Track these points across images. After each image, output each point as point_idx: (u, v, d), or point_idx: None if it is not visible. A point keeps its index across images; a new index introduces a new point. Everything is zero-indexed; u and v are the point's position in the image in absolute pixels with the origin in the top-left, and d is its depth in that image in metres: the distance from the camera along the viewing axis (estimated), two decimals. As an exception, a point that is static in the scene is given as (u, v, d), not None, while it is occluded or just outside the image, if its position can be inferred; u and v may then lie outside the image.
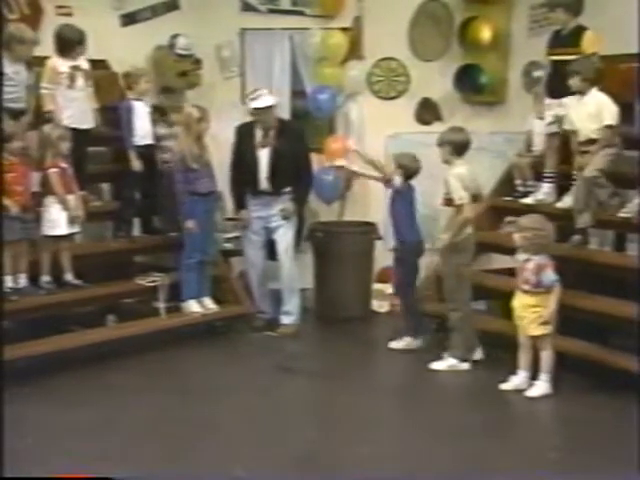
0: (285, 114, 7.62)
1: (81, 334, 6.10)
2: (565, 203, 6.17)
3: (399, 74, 7.88)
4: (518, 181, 6.77)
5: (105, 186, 7.14)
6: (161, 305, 6.41)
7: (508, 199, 6.74)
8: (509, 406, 5.22)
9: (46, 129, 6.00)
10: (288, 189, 6.70)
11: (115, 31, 7.34)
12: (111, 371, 5.73)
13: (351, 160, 6.98)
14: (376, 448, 4.55)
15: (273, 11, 7.92)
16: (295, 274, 6.77)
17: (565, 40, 6.16)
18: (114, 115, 6.62)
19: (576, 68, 5.86)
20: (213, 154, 6.61)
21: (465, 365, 5.83)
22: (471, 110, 7.68)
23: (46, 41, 6.22)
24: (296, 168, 6.69)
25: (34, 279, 5.84)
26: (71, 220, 5.93)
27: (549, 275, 5.29)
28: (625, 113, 5.90)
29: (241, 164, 6.68)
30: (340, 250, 7.06)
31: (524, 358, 5.38)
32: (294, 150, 6.66)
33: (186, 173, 6.36)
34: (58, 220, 5.88)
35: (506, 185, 6.86)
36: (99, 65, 7.05)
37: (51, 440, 4.60)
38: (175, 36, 7.51)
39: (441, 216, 6.32)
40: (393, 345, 6.32)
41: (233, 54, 7.98)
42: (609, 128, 5.78)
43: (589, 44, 6.03)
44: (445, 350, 5.92)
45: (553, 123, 6.30)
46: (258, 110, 6.52)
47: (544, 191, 6.44)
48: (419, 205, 6.34)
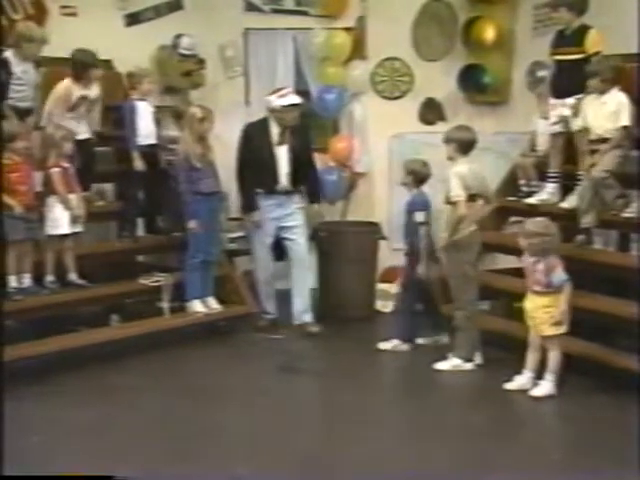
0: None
1: (85, 334, 6.10)
2: (569, 203, 6.16)
3: (403, 74, 7.89)
4: (522, 181, 6.76)
5: (109, 186, 7.14)
6: (165, 305, 6.41)
7: (512, 199, 6.72)
8: (513, 406, 5.22)
9: (50, 129, 6.02)
10: (301, 187, 6.73)
11: (119, 31, 7.35)
12: (114, 371, 5.73)
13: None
14: (379, 448, 4.54)
15: (277, 11, 7.93)
16: (312, 272, 6.77)
17: (569, 39, 6.15)
18: (117, 115, 6.64)
19: (594, 69, 5.86)
20: (217, 154, 6.61)
21: (469, 365, 5.81)
22: (475, 110, 7.68)
23: (50, 41, 6.22)
24: (308, 165, 6.74)
25: (38, 279, 5.85)
26: (73, 219, 5.94)
27: (559, 275, 5.26)
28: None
29: (253, 163, 6.59)
30: (344, 250, 7.05)
31: (532, 358, 5.36)
32: (305, 147, 6.71)
33: (189, 173, 6.37)
34: (60, 219, 5.89)
35: (510, 185, 6.84)
36: (103, 65, 7.06)
37: (54, 439, 4.60)
38: (179, 36, 7.51)
39: (444, 215, 6.30)
40: (382, 346, 6.32)
41: (237, 54, 7.99)
42: (624, 129, 5.78)
43: (593, 43, 6.02)
44: (449, 350, 5.92)
45: (557, 123, 6.29)
46: (285, 108, 6.50)
47: (548, 191, 6.43)
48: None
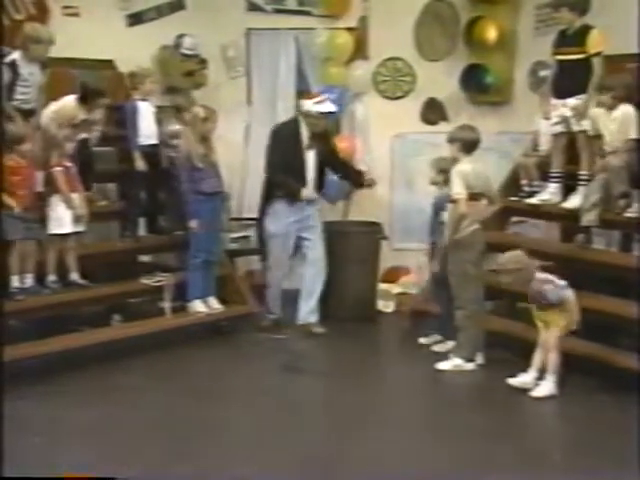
0: (290, 114, 7.64)
1: (87, 334, 6.10)
2: (571, 203, 6.16)
3: (405, 74, 7.89)
4: (524, 181, 6.76)
5: (111, 186, 7.15)
6: (166, 305, 6.41)
7: (514, 199, 6.72)
8: (514, 406, 5.20)
9: (53, 129, 6.02)
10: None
11: (121, 31, 7.37)
12: (116, 371, 5.73)
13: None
14: (380, 448, 4.54)
15: (279, 11, 7.93)
16: (324, 274, 6.79)
17: (570, 39, 6.14)
18: (119, 115, 6.65)
19: (610, 84, 5.87)
20: (219, 154, 6.60)
21: (470, 365, 5.81)
22: (477, 110, 7.67)
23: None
24: (342, 165, 6.87)
25: (40, 279, 5.85)
26: (76, 219, 5.95)
27: (553, 292, 5.27)
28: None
29: (286, 166, 6.55)
30: (346, 250, 7.04)
31: (538, 358, 5.34)
32: (331, 152, 6.79)
33: (192, 172, 6.36)
34: (63, 219, 5.90)
35: (512, 185, 6.84)
36: (105, 65, 7.09)
37: (56, 439, 4.60)
38: (181, 36, 7.53)
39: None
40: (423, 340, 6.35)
41: (239, 54, 8.00)
42: (633, 141, 5.81)
43: (594, 43, 6.02)
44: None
45: (559, 123, 6.28)
46: (321, 114, 6.51)
47: (550, 191, 6.42)
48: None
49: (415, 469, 4.29)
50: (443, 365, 5.84)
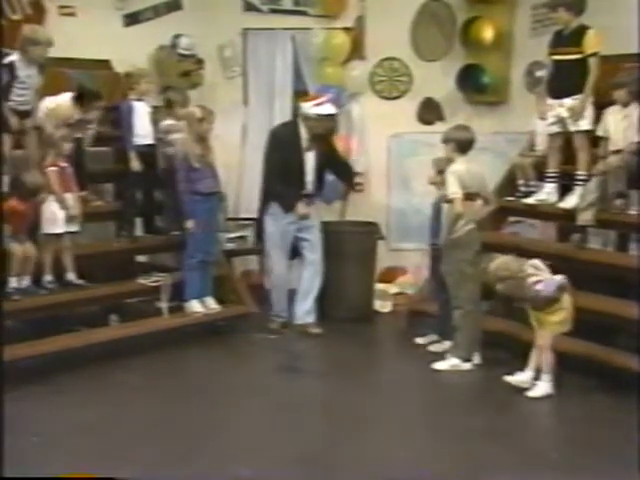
0: (287, 114, 7.64)
1: (84, 334, 6.09)
2: (567, 203, 6.17)
3: (401, 74, 7.90)
4: (520, 181, 6.78)
5: (107, 186, 7.14)
6: (164, 305, 6.41)
7: (510, 199, 6.73)
8: (511, 406, 5.21)
9: (49, 129, 6.01)
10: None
11: (117, 31, 7.36)
12: (114, 371, 5.72)
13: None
14: (378, 448, 4.55)
15: (275, 11, 7.93)
16: (321, 275, 6.77)
17: (567, 39, 6.14)
18: (115, 115, 6.64)
19: (623, 81, 5.88)
20: (217, 154, 6.60)
21: (467, 365, 5.82)
22: (473, 110, 7.69)
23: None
24: (341, 164, 6.86)
25: (37, 279, 5.84)
26: (69, 219, 5.94)
27: (546, 288, 5.24)
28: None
29: (282, 168, 6.52)
30: (342, 250, 7.04)
31: (534, 358, 5.35)
32: (332, 153, 6.77)
33: (188, 172, 6.36)
34: (57, 218, 5.89)
35: (508, 185, 6.85)
36: (102, 65, 7.08)
37: (54, 439, 4.59)
38: (177, 36, 7.52)
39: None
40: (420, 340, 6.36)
41: (235, 54, 8.00)
42: (635, 143, 5.84)
43: (591, 44, 6.02)
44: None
45: (555, 123, 6.29)
46: (320, 117, 6.48)
47: (546, 191, 6.44)
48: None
49: (413, 469, 4.29)
50: (440, 365, 5.84)
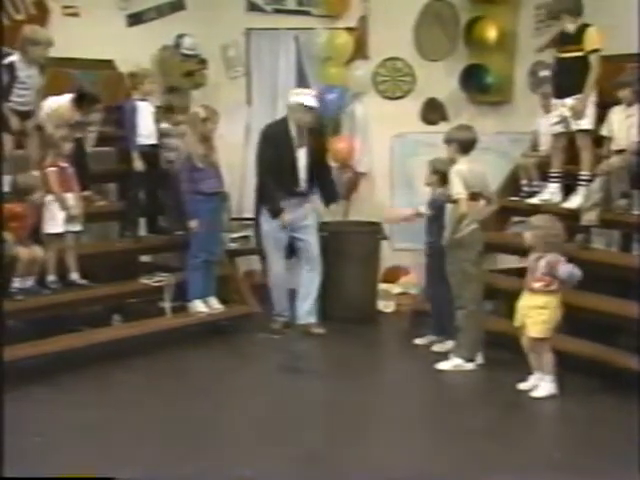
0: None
1: (87, 334, 6.10)
2: (571, 203, 6.16)
3: (405, 74, 7.89)
4: (524, 181, 6.77)
5: (111, 186, 7.15)
6: (167, 305, 6.42)
7: (514, 199, 6.72)
8: (514, 406, 5.20)
9: (50, 129, 6.02)
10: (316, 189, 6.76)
11: (121, 31, 7.37)
12: (116, 371, 5.73)
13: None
14: (381, 447, 4.55)
15: (279, 11, 7.93)
16: (320, 274, 6.75)
17: (570, 38, 6.11)
18: (119, 115, 6.65)
19: (627, 80, 5.86)
20: (220, 154, 6.60)
21: (470, 365, 5.81)
22: (477, 110, 7.68)
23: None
24: (324, 167, 6.78)
25: (40, 279, 5.85)
26: (69, 219, 5.94)
27: (563, 269, 5.16)
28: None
29: (274, 166, 6.50)
30: (346, 250, 7.04)
31: (532, 359, 5.35)
32: (321, 149, 6.74)
33: (192, 172, 6.37)
34: (57, 218, 5.90)
35: (512, 185, 6.85)
36: (105, 65, 7.09)
37: (56, 439, 4.59)
38: (181, 36, 7.53)
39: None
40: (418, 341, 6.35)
41: (238, 54, 8.01)
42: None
43: (591, 41, 5.99)
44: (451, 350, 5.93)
45: (558, 123, 6.28)
46: (305, 107, 6.44)
47: (550, 191, 6.43)
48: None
49: (415, 469, 4.29)
50: (443, 365, 5.84)
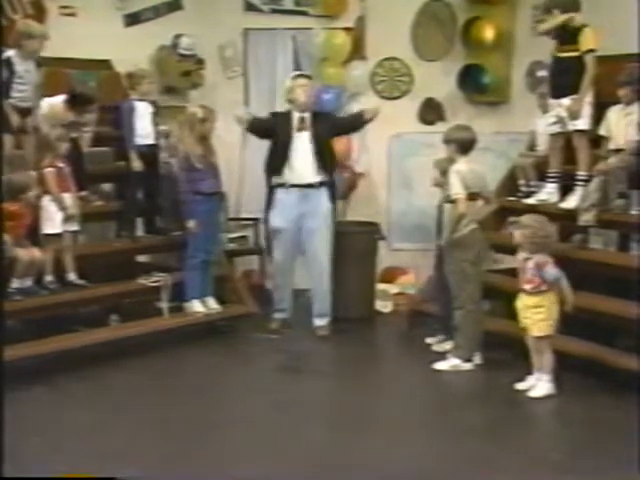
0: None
1: (84, 334, 6.08)
2: (569, 203, 6.17)
3: (402, 74, 7.90)
4: (521, 181, 6.78)
5: (108, 186, 7.14)
6: (164, 305, 6.41)
7: (511, 199, 6.73)
8: (512, 407, 5.20)
9: (45, 129, 6.01)
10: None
11: (118, 31, 7.36)
12: (114, 371, 5.73)
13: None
14: (379, 447, 4.54)
15: (276, 11, 7.94)
16: (330, 273, 6.69)
17: (567, 37, 6.09)
18: (116, 115, 6.64)
19: (628, 79, 5.87)
20: (217, 154, 6.59)
21: (468, 365, 5.81)
22: (474, 110, 7.69)
23: (50, 41, 6.21)
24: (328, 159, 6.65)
25: (38, 279, 5.84)
26: (67, 218, 5.94)
27: (550, 272, 5.22)
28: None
29: (271, 152, 6.56)
30: (343, 250, 7.02)
31: (535, 359, 5.35)
32: (326, 134, 6.64)
33: (190, 173, 6.36)
34: (55, 219, 5.89)
35: (509, 185, 6.86)
36: (102, 65, 7.09)
37: (54, 439, 4.59)
38: (178, 36, 7.53)
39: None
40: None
41: (236, 54, 8.01)
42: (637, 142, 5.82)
43: (587, 41, 5.98)
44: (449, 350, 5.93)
45: (556, 123, 6.28)
46: (295, 80, 6.51)
47: (547, 191, 6.43)
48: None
49: (413, 468, 4.29)
50: (441, 365, 5.83)
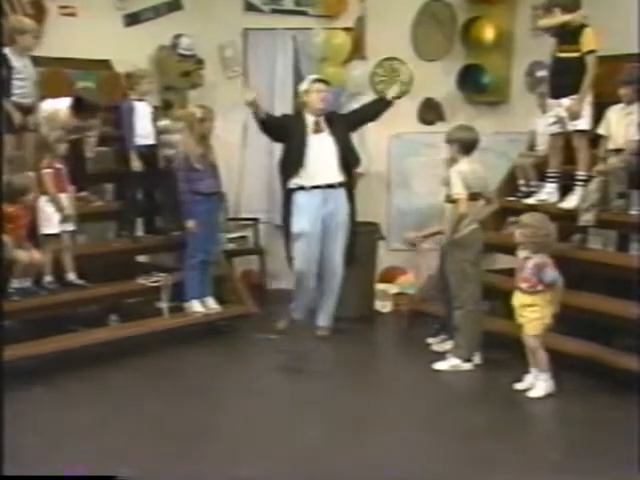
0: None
1: (84, 334, 6.08)
2: (568, 203, 6.17)
3: (402, 74, 7.88)
4: (521, 181, 6.78)
5: (108, 186, 7.14)
6: (164, 305, 6.41)
7: (511, 199, 6.73)
8: (511, 406, 5.19)
9: (44, 131, 6.01)
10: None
11: (118, 31, 7.35)
12: (114, 371, 5.72)
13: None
14: (379, 447, 4.55)
15: (276, 11, 7.93)
16: (342, 275, 6.65)
17: (568, 37, 6.09)
18: (116, 115, 6.64)
19: (630, 78, 5.87)
20: (217, 154, 6.59)
21: (468, 365, 5.81)
22: (474, 110, 7.69)
23: (50, 41, 6.23)
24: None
25: (37, 279, 5.84)
26: (63, 219, 5.93)
27: (549, 273, 5.23)
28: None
29: (287, 154, 6.55)
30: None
31: (530, 357, 5.35)
32: (346, 134, 6.67)
33: (189, 173, 6.36)
34: (52, 219, 5.89)
35: (509, 185, 6.86)
36: (102, 65, 7.08)
37: (54, 439, 4.59)
38: (178, 36, 7.52)
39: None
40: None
41: (236, 54, 8.00)
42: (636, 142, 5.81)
43: (587, 41, 5.97)
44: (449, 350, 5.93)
45: (555, 123, 6.28)
46: (313, 84, 6.55)
47: (547, 191, 6.43)
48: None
49: (413, 468, 4.28)
50: (440, 365, 5.83)
